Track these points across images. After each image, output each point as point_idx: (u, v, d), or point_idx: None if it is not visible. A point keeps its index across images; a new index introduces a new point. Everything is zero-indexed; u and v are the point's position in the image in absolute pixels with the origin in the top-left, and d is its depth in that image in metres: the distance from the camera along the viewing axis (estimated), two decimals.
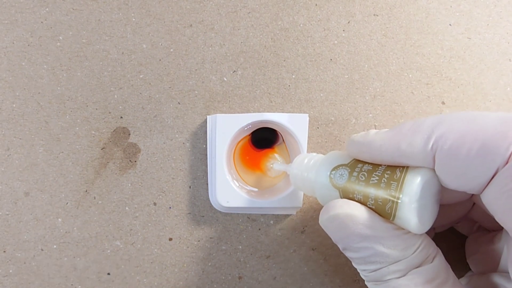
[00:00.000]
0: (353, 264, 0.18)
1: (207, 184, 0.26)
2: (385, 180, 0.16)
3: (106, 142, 0.25)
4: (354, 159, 0.18)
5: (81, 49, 0.25)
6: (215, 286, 0.26)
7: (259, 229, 0.26)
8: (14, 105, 0.25)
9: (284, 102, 0.26)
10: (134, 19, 0.25)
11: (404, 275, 0.16)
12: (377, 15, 0.26)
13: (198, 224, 0.26)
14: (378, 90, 0.26)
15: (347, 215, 0.17)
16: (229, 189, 0.24)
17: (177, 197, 0.26)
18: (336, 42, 0.26)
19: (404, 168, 0.16)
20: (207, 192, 0.26)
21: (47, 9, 0.25)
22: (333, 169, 0.19)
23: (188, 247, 0.26)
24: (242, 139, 0.25)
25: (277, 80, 0.26)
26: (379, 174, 0.17)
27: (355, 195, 0.17)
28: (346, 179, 0.18)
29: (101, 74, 0.25)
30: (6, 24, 0.25)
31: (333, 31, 0.26)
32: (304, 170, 0.21)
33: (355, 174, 0.18)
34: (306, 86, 0.26)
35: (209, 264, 0.26)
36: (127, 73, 0.25)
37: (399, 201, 0.16)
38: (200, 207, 0.26)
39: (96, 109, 0.25)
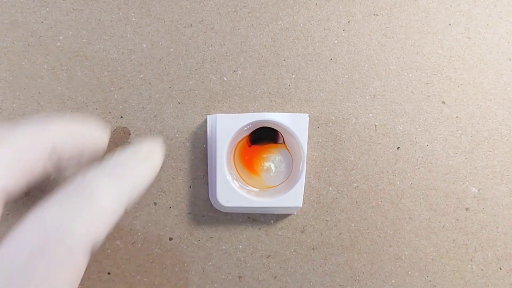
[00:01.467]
0: None
1: (207, 184, 0.26)
2: None
3: None
4: None
5: (81, 49, 0.25)
6: (215, 286, 0.26)
7: (259, 229, 0.26)
8: (14, 105, 0.25)
9: (284, 102, 0.26)
10: (134, 19, 0.25)
11: None
12: (377, 15, 0.26)
13: (198, 224, 0.26)
14: (378, 89, 0.26)
15: None
16: (229, 189, 0.24)
17: (177, 197, 0.26)
18: (336, 42, 0.26)
19: None
20: (207, 192, 0.26)
21: (47, 9, 0.25)
22: None
23: (188, 247, 0.26)
24: (242, 139, 0.25)
25: (277, 80, 0.26)
26: None
27: None
28: None
29: (101, 74, 0.25)
30: (6, 24, 0.25)
31: (333, 31, 0.26)
32: None
33: None
34: (306, 86, 0.26)
35: (209, 263, 0.26)
36: (127, 73, 0.25)
37: None
38: (200, 207, 0.26)
39: (96, 109, 0.25)
